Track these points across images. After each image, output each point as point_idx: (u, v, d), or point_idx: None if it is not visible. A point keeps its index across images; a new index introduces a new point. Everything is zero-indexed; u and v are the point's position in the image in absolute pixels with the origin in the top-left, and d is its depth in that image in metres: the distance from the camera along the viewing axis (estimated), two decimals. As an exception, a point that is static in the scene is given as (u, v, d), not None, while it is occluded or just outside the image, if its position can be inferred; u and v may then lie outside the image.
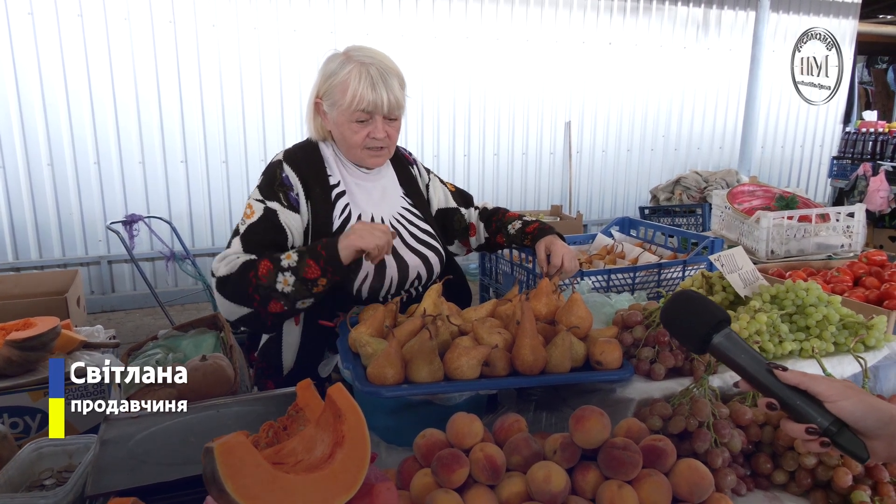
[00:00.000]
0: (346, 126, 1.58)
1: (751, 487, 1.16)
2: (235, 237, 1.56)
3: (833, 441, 0.84)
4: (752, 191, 2.98)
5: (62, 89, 4.93)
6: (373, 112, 1.55)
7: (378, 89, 1.52)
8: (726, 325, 0.95)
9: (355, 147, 1.61)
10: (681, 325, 1.00)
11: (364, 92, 1.52)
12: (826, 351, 1.39)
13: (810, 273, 2.08)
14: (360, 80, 1.52)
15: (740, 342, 0.94)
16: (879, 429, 0.82)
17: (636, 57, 6.92)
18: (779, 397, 0.88)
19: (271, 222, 1.55)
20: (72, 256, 5.26)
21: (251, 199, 1.59)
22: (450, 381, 1.21)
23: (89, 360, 1.82)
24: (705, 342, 0.95)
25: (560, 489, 0.96)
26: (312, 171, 1.64)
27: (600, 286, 2.09)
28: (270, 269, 1.45)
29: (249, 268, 1.47)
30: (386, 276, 1.63)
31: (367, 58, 1.55)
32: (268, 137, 5.58)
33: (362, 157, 1.64)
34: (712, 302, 0.99)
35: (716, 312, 0.96)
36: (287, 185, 1.60)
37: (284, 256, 1.46)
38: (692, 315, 0.97)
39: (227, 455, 0.71)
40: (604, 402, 1.28)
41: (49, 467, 1.25)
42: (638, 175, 7.28)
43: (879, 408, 0.83)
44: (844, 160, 6.68)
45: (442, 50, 6.04)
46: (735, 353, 0.92)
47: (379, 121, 1.57)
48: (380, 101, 1.53)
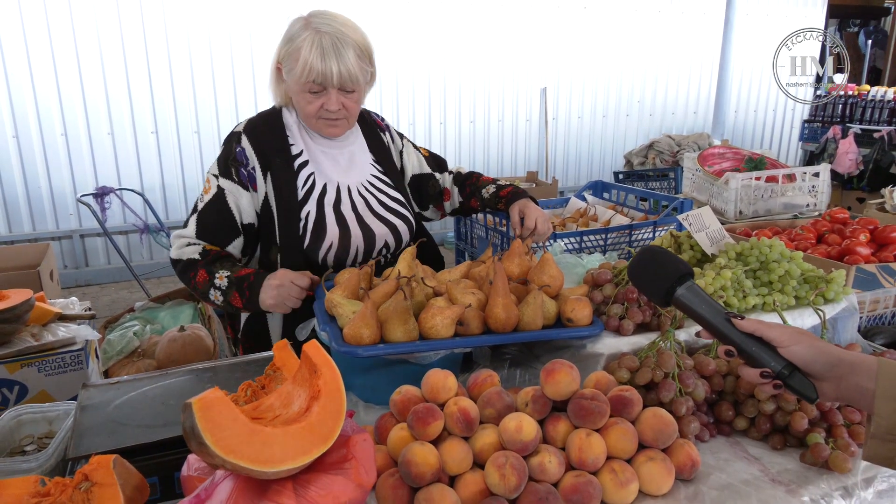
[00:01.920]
0: (300, 95, 1.56)
1: (713, 434, 1.21)
2: (193, 215, 1.61)
3: (785, 383, 0.90)
4: (722, 153, 3.03)
5: (24, 59, 4.77)
6: (323, 83, 1.52)
7: (327, 60, 1.48)
8: (689, 279, 0.99)
9: (310, 117, 1.60)
10: (646, 278, 1.05)
11: (314, 62, 1.48)
12: (787, 304, 1.44)
13: (776, 232, 2.14)
14: (311, 49, 1.47)
15: (702, 294, 0.98)
16: (827, 371, 0.87)
17: (611, 21, 6.89)
18: (736, 344, 0.94)
19: (220, 204, 1.59)
20: (42, 231, 5.16)
21: (209, 172, 1.64)
22: (425, 341, 1.24)
23: (65, 331, 1.82)
24: (669, 294, 0.99)
25: (531, 438, 1.00)
26: (273, 141, 1.64)
27: (573, 248, 2.13)
28: (206, 281, 1.52)
29: (190, 268, 1.55)
30: (351, 245, 1.64)
31: (325, 25, 1.50)
32: (240, 105, 5.48)
33: (318, 126, 1.63)
34: (676, 256, 1.03)
35: (679, 266, 1.00)
36: (240, 160, 1.60)
37: (218, 276, 1.52)
38: (657, 269, 1.02)
39: (206, 410, 0.73)
40: (575, 357, 1.32)
41: (29, 434, 1.27)
42: (613, 141, 7.32)
43: (828, 351, 0.88)
44: (815, 123, 6.76)
45: (416, 16, 5.95)
46: (696, 305, 0.97)
47: (333, 93, 1.53)
48: (328, 72, 1.48)
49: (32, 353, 1.70)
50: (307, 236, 1.61)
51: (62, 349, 1.74)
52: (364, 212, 1.68)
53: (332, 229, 1.62)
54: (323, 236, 1.61)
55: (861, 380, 0.85)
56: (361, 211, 1.67)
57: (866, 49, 9.61)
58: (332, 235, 1.61)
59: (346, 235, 1.63)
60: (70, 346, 1.75)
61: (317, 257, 1.62)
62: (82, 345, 1.77)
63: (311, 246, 1.61)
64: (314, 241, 1.61)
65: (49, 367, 1.71)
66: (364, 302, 1.24)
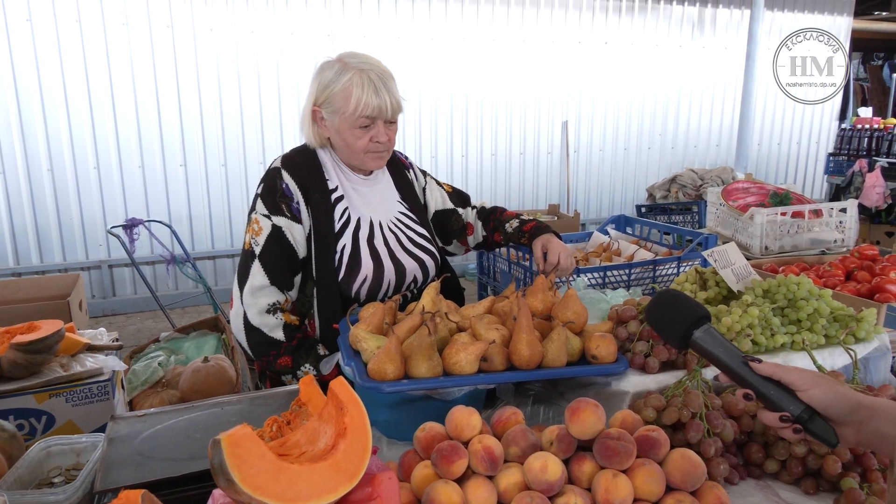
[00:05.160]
0: (349, 132, 1.60)
1: (743, 476, 1.19)
2: (253, 261, 1.60)
3: (805, 427, 0.88)
4: (746, 188, 3.01)
5: (61, 94, 4.96)
6: (376, 117, 1.58)
7: (381, 94, 1.56)
8: (706, 322, 1.00)
9: (358, 152, 1.64)
10: (664, 322, 1.06)
11: (369, 98, 1.54)
12: (817, 343, 1.42)
13: (803, 268, 2.12)
14: (363, 87, 1.55)
15: (719, 337, 0.98)
16: (847, 415, 0.86)
17: (632, 56, 6.96)
18: (754, 388, 0.93)
19: (280, 241, 1.60)
20: (73, 261, 5.28)
21: (257, 213, 1.62)
22: (448, 377, 1.24)
23: (93, 362, 1.84)
24: (686, 337, 1.00)
25: (556, 478, 0.98)
26: (311, 176, 1.67)
27: (596, 283, 2.12)
28: (288, 368, 1.59)
29: (272, 347, 1.59)
30: (384, 279, 1.66)
31: (364, 64, 1.58)
32: (266, 140, 5.61)
33: (365, 160, 1.66)
34: (693, 300, 1.04)
35: (696, 310, 1.01)
36: (288, 195, 1.63)
37: (304, 370, 1.58)
38: (674, 312, 1.03)
39: (234, 446, 0.74)
40: (599, 395, 1.31)
41: (57, 465, 1.28)
42: (635, 174, 7.32)
43: (847, 395, 0.87)
44: (840, 157, 6.71)
45: (439, 51, 6.08)
46: (714, 348, 0.97)
47: (381, 125, 1.60)
48: (384, 105, 1.56)
49: (61, 383, 1.72)
50: (342, 269, 1.63)
51: (89, 380, 1.76)
52: (395, 247, 1.70)
53: (367, 263, 1.64)
54: (358, 270, 1.63)
55: (882, 425, 0.83)
56: (392, 246, 1.70)
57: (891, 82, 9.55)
58: (367, 269, 1.64)
59: (379, 269, 1.65)
60: (97, 377, 1.77)
61: (350, 291, 1.64)
62: (109, 375, 1.79)
63: (345, 279, 1.63)
64: (349, 274, 1.63)
65: (76, 397, 1.73)
66: (388, 337, 1.25)
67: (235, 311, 1.62)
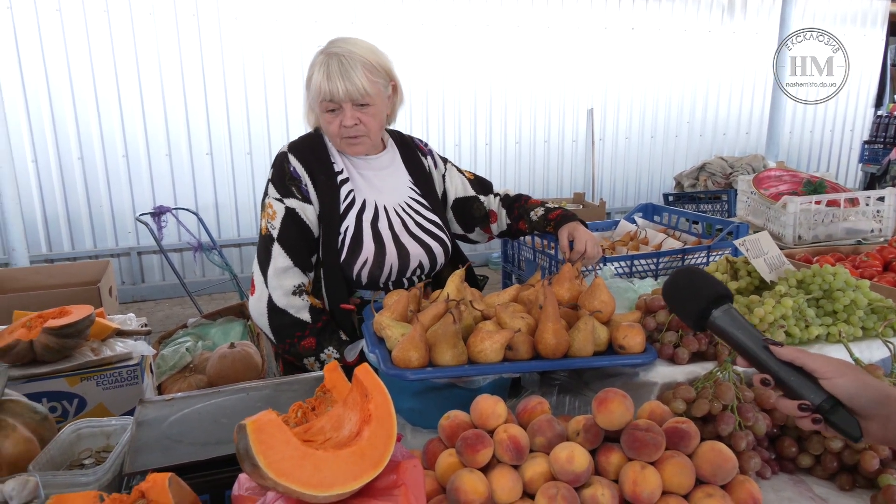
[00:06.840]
0: (322, 117, 1.64)
1: (776, 470, 1.16)
2: (273, 244, 1.62)
3: (825, 418, 0.83)
4: (778, 176, 2.93)
5: (90, 85, 5.03)
6: (334, 100, 1.58)
7: (333, 79, 1.55)
8: (726, 301, 0.94)
9: (334, 136, 1.66)
10: (681, 299, 0.99)
11: (321, 83, 1.57)
12: (854, 336, 1.38)
13: (838, 258, 2.06)
14: (322, 72, 1.57)
15: (739, 318, 0.92)
16: (874, 408, 0.80)
17: (660, 42, 6.82)
18: (774, 373, 0.87)
19: (296, 222, 1.63)
20: (103, 248, 5.38)
21: (269, 198, 1.67)
22: (473, 365, 1.23)
23: (123, 346, 1.87)
24: (703, 317, 0.94)
25: (583, 469, 0.97)
26: (316, 158, 1.70)
27: (623, 272, 2.09)
28: (311, 350, 1.59)
29: (297, 328, 1.59)
30: (385, 263, 1.66)
31: (337, 48, 1.58)
32: (291, 128, 5.63)
33: (343, 146, 1.68)
34: (714, 278, 0.97)
35: (716, 287, 0.94)
36: (296, 177, 1.66)
37: (326, 353, 1.59)
38: (693, 290, 0.96)
39: (260, 432, 0.74)
40: (627, 386, 1.29)
41: (88, 447, 1.30)
42: (662, 162, 7.20)
43: (876, 387, 0.81)
44: (876, 144, 6.52)
45: (463, 38, 6.02)
46: (733, 329, 0.91)
47: (347, 108, 1.59)
48: (335, 90, 1.56)
49: (92, 367, 1.75)
50: (344, 250, 1.64)
51: (119, 364, 1.79)
52: (400, 230, 1.70)
53: (369, 245, 1.64)
54: (359, 252, 1.63)
55: None
56: (398, 230, 1.70)
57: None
58: (368, 251, 1.64)
59: (381, 252, 1.65)
60: (127, 361, 1.80)
61: (352, 272, 1.65)
62: (138, 360, 1.82)
63: (346, 260, 1.64)
64: (350, 255, 1.64)
65: (107, 381, 1.76)
66: (413, 324, 1.24)
67: (258, 295, 1.63)
